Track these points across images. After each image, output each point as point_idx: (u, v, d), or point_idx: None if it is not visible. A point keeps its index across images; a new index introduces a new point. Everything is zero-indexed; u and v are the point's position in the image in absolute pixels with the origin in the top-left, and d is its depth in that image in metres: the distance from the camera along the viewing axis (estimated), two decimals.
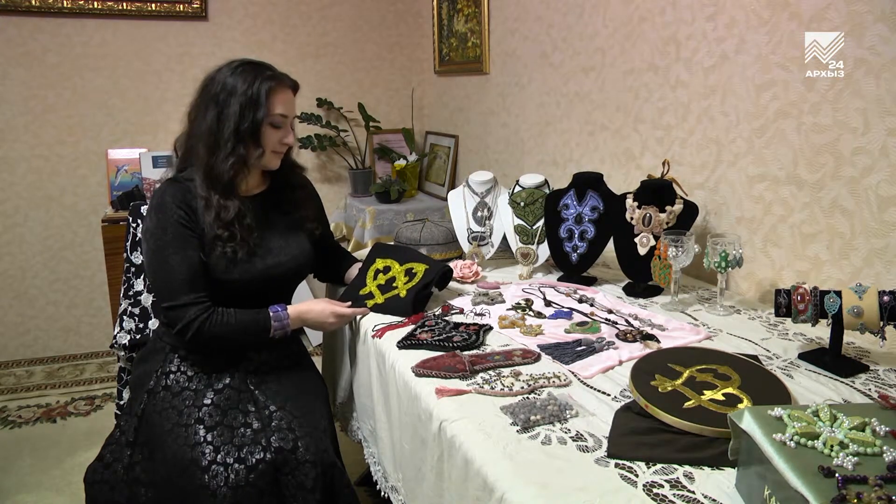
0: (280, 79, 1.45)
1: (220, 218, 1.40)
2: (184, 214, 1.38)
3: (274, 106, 1.42)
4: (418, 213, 3.00)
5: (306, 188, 1.62)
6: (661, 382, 1.04)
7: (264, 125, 1.42)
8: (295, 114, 1.51)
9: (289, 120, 1.47)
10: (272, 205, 1.55)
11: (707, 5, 1.67)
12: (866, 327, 1.11)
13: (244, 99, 1.40)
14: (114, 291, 2.68)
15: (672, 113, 1.82)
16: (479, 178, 1.87)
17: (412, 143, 3.41)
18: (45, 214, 3.07)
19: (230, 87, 1.41)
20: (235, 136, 1.40)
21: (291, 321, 1.44)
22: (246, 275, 1.43)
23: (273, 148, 1.46)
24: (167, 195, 1.40)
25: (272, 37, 3.27)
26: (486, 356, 1.21)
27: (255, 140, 1.42)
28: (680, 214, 1.54)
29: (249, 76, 1.41)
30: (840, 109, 1.36)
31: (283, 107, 1.44)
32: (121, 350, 1.76)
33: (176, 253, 1.37)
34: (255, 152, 1.43)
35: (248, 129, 1.40)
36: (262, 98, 1.40)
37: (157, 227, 1.38)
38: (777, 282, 1.54)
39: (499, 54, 2.76)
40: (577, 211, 1.68)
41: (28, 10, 2.87)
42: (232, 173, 1.41)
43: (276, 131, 1.45)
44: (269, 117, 1.42)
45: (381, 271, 1.58)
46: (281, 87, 1.44)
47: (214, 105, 1.41)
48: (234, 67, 1.43)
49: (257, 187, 1.54)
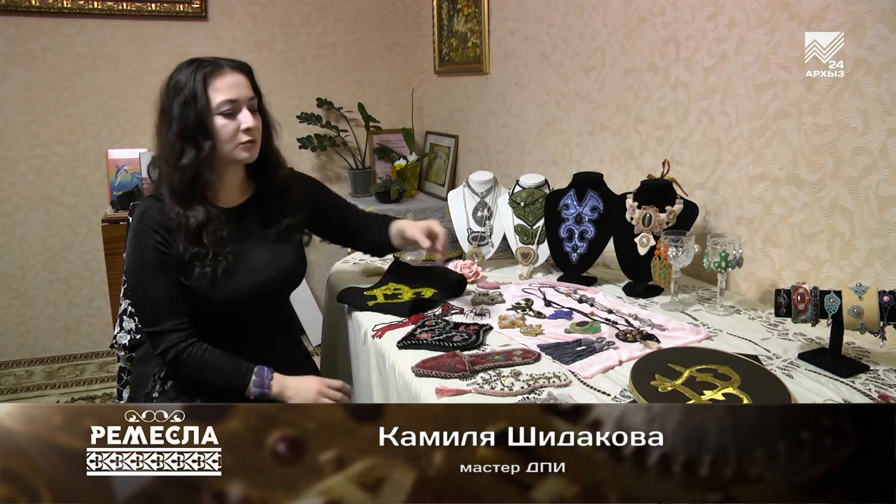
0: (218, 64, 1.31)
1: (187, 232, 1.29)
2: (160, 239, 1.29)
3: (216, 93, 1.28)
4: (418, 213, 3.00)
5: (290, 191, 1.46)
6: (661, 382, 1.05)
7: (211, 117, 1.28)
8: (252, 96, 1.34)
9: (242, 104, 1.31)
10: (256, 215, 1.43)
11: (707, 5, 1.67)
12: (866, 327, 1.11)
13: (183, 97, 1.28)
14: (114, 291, 2.68)
15: (672, 113, 1.82)
16: (479, 178, 1.86)
17: (412, 143, 3.41)
18: (45, 214, 3.07)
19: (171, 90, 1.30)
20: (182, 138, 1.28)
21: (273, 386, 1.31)
22: (231, 295, 1.34)
23: (231, 139, 1.31)
24: (144, 217, 1.31)
25: (272, 37, 3.27)
26: (486, 356, 1.21)
27: (206, 136, 1.29)
28: (680, 214, 1.54)
29: (186, 71, 1.30)
30: (840, 109, 1.36)
31: (227, 91, 1.29)
32: (121, 350, 1.76)
33: (155, 279, 1.30)
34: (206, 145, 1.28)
35: (193, 127, 1.27)
36: (198, 89, 1.27)
37: (136, 253, 1.32)
38: (777, 282, 1.54)
39: (499, 54, 2.76)
40: (577, 211, 1.68)
41: (28, 10, 2.87)
42: (189, 178, 1.28)
43: (230, 120, 1.30)
44: (215, 107, 1.28)
45: (389, 295, 1.57)
46: (220, 72, 1.30)
47: (163, 114, 1.32)
48: (174, 69, 1.33)
49: (239, 196, 1.42)
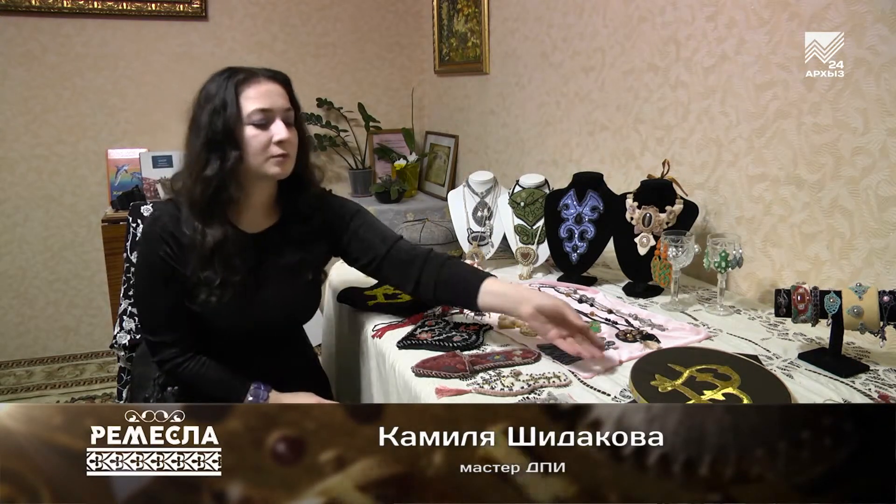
0: (252, 72, 1.23)
1: (201, 252, 1.22)
2: (169, 251, 1.24)
3: (248, 101, 1.20)
4: (418, 213, 3.00)
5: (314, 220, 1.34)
6: (661, 382, 1.05)
7: (240, 126, 1.20)
8: (287, 107, 1.24)
9: (276, 114, 1.22)
10: (275, 244, 1.32)
11: (707, 5, 1.67)
12: (866, 327, 1.11)
13: (213, 105, 1.20)
14: (114, 291, 2.68)
15: (672, 113, 1.82)
16: (479, 178, 1.87)
17: (412, 143, 3.41)
18: (45, 214, 3.07)
19: (203, 97, 1.23)
20: (208, 147, 1.19)
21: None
22: (235, 327, 1.30)
23: (261, 151, 1.21)
24: (157, 224, 1.25)
25: (272, 37, 3.27)
26: (486, 356, 1.21)
27: (233, 146, 1.20)
28: (680, 214, 1.54)
29: (219, 80, 1.22)
30: (840, 109, 1.36)
31: (260, 100, 1.20)
32: (121, 350, 1.76)
33: (159, 290, 1.26)
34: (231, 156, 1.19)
35: (220, 135, 1.19)
36: (229, 97, 1.19)
37: (143, 258, 1.29)
38: (777, 282, 1.54)
39: (499, 54, 2.76)
40: (577, 211, 1.68)
41: (28, 10, 2.87)
42: (211, 191, 1.20)
43: (262, 131, 1.21)
44: (246, 116, 1.20)
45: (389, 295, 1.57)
46: (254, 80, 1.22)
47: (192, 124, 1.24)
48: (208, 79, 1.25)
49: (263, 221, 1.32)
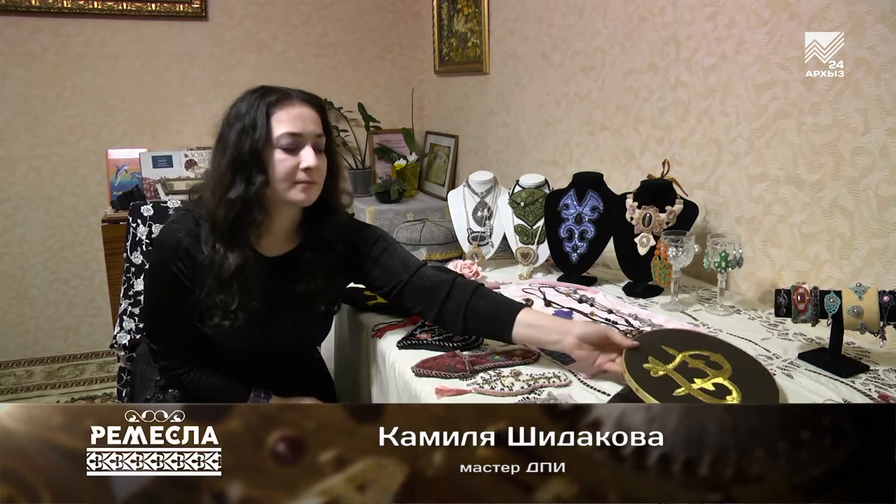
0: (286, 93, 1.19)
1: (219, 276, 1.18)
2: (183, 268, 1.20)
3: (279, 124, 1.16)
4: (418, 213, 3.00)
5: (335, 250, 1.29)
6: (653, 366, 1.05)
7: (268, 149, 1.16)
8: (319, 133, 1.20)
9: (307, 140, 1.17)
10: (293, 271, 1.28)
11: (707, 5, 1.67)
12: (866, 327, 1.11)
13: (242, 124, 1.16)
14: (114, 291, 2.68)
15: (672, 113, 1.82)
16: (479, 178, 1.87)
17: (412, 143, 3.41)
18: (45, 214, 3.07)
19: (233, 115, 1.19)
20: (233, 169, 1.15)
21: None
22: (244, 353, 1.29)
23: (288, 177, 1.17)
24: (175, 235, 1.21)
25: (272, 37, 3.27)
26: (486, 356, 1.21)
27: (260, 169, 1.16)
28: (680, 214, 1.54)
29: (252, 98, 1.18)
30: (840, 109, 1.36)
31: (292, 124, 1.16)
32: (121, 350, 1.76)
33: (168, 304, 1.24)
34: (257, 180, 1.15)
35: (247, 157, 1.15)
36: (259, 118, 1.15)
37: (155, 269, 1.27)
38: (777, 282, 1.54)
39: (499, 54, 2.76)
40: (577, 211, 1.68)
41: (28, 10, 2.87)
42: (234, 215, 1.16)
43: (290, 156, 1.16)
44: (274, 139, 1.16)
45: None
46: (287, 102, 1.18)
47: (219, 142, 1.20)
48: (243, 94, 1.21)
49: (284, 245, 1.29)
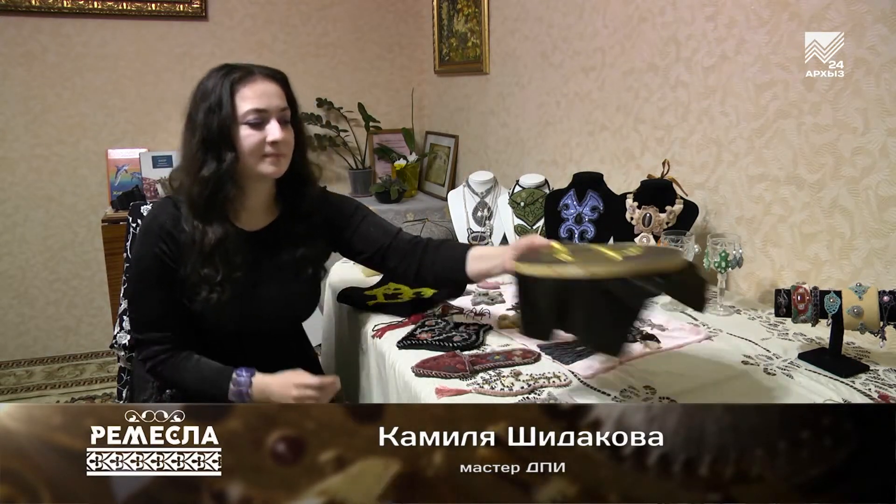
0: (249, 70, 1.23)
1: (201, 251, 1.22)
2: (166, 249, 1.23)
3: (243, 101, 1.20)
4: (418, 213, 3.00)
5: (313, 217, 1.35)
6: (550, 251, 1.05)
7: (235, 126, 1.20)
8: (283, 106, 1.25)
9: (271, 114, 1.22)
10: (275, 241, 1.33)
11: (707, 5, 1.67)
12: (866, 327, 1.11)
13: (209, 103, 1.20)
14: (114, 291, 2.68)
15: (672, 113, 1.82)
16: (479, 178, 1.87)
17: (412, 143, 3.41)
18: (45, 214, 3.07)
19: (199, 94, 1.23)
20: (204, 147, 1.20)
21: (254, 390, 1.23)
22: (235, 326, 1.29)
23: (255, 151, 1.22)
24: (157, 220, 1.25)
25: (272, 37, 3.27)
26: (486, 356, 1.21)
27: (229, 147, 1.21)
28: (680, 214, 1.54)
29: (215, 77, 1.22)
30: (840, 109, 1.36)
31: (256, 100, 1.21)
32: (121, 350, 1.76)
33: (151, 289, 1.25)
34: (228, 157, 1.20)
35: (216, 136, 1.19)
36: (224, 96, 1.20)
37: (138, 255, 1.28)
38: (777, 282, 1.54)
39: (499, 54, 2.76)
40: (577, 211, 1.68)
41: (28, 10, 2.87)
42: (209, 191, 1.20)
43: (257, 131, 1.21)
44: (241, 116, 1.20)
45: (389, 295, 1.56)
46: (250, 79, 1.22)
47: (188, 121, 1.24)
48: (208, 73, 1.25)
49: (263, 219, 1.33)
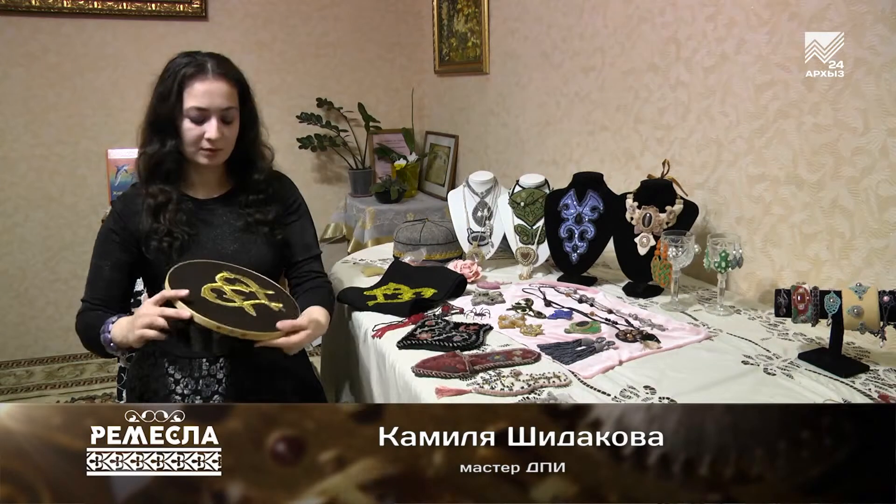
0: (202, 67, 1.31)
1: (147, 209, 1.34)
2: (118, 220, 1.36)
3: (189, 97, 1.29)
4: (418, 213, 3.00)
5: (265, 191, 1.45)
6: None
7: (180, 117, 1.30)
8: (227, 106, 1.32)
9: (212, 113, 1.30)
10: (229, 208, 1.44)
11: (707, 5, 1.67)
12: (866, 327, 1.11)
13: (164, 87, 1.31)
14: None
15: (672, 113, 1.82)
16: (479, 178, 1.86)
17: (412, 143, 3.41)
18: (45, 214, 3.07)
19: (163, 75, 1.33)
20: (151, 128, 1.34)
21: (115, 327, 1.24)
22: None
23: (193, 143, 1.32)
24: (116, 202, 1.40)
25: (272, 37, 3.27)
26: (486, 356, 1.21)
27: (171, 134, 1.32)
28: (680, 214, 1.54)
29: (177, 64, 1.32)
30: (840, 109, 1.36)
31: (200, 98, 1.29)
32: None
33: (97, 256, 1.38)
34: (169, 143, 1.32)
35: (163, 121, 1.32)
36: (175, 87, 1.29)
37: (102, 229, 1.40)
38: (777, 282, 1.54)
39: (499, 54, 2.76)
40: (577, 211, 1.68)
41: (28, 10, 2.87)
42: (151, 165, 1.34)
43: (197, 126, 1.31)
44: (185, 110, 1.30)
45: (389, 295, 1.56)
46: (200, 77, 1.30)
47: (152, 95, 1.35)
48: (178, 55, 1.34)
49: (215, 190, 1.45)
